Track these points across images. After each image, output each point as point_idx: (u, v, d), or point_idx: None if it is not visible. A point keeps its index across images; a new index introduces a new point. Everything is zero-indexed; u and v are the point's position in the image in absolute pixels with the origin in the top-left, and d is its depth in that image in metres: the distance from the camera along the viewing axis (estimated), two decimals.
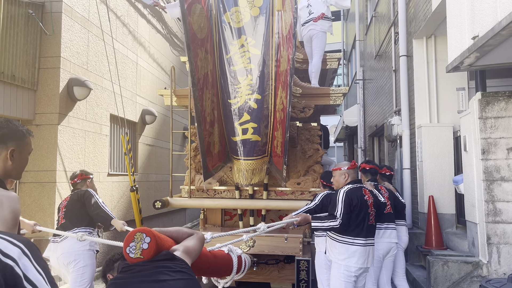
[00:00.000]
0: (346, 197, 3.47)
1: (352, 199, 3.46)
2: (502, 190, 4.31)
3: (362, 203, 3.48)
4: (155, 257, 1.68)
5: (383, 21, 9.07)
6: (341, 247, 3.47)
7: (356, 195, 3.50)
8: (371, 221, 3.52)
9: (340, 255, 3.48)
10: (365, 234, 3.46)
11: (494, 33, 3.38)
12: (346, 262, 3.44)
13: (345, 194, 3.49)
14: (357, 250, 3.43)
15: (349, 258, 3.43)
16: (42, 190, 5.48)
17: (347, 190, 3.53)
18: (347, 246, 3.45)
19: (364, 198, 3.52)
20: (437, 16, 5.63)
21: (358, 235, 3.44)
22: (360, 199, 3.48)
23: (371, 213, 3.53)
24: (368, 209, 3.50)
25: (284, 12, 4.72)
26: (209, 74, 4.88)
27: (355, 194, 3.50)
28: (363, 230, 3.46)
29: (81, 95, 5.88)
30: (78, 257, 3.79)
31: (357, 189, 3.57)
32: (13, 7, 5.17)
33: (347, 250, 3.44)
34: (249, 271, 4.35)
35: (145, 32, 8.63)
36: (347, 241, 3.45)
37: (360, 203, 3.46)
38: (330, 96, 5.32)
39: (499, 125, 4.36)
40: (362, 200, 3.49)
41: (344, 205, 3.44)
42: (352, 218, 3.44)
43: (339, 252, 3.49)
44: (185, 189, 5.41)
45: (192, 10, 4.72)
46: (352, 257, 3.42)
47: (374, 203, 3.60)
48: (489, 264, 4.31)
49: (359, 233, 3.45)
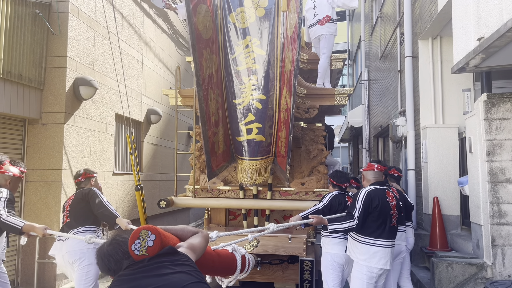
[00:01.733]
0: (367, 197, 3.48)
1: (373, 200, 3.47)
2: (507, 191, 4.30)
3: (384, 204, 3.48)
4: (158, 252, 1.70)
5: (388, 21, 9.05)
6: (362, 248, 3.48)
7: (378, 196, 3.50)
8: (393, 223, 3.52)
9: (361, 255, 3.48)
10: (387, 236, 3.46)
11: (500, 34, 3.37)
12: (368, 262, 3.44)
13: (366, 194, 3.50)
14: (379, 251, 3.43)
15: (370, 258, 3.43)
16: (48, 188, 5.52)
17: (369, 190, 3.54)
18: (368, 247, 3.46)
19: (386, 200, 3.52)
20: (442, 17, 5.61)
21: (380, 236, 3.45)
22: (381, 201, 3.48)
23: (394, 215, 3.52)
24: (390, 211, 3.50)
25: (289, 12, 4.73)
26: (214, 74, 4.89)
27: (377, 195, 3.50)
28: (385, 232, 3.46)
29: (87, 95, 5.92)
30: (83, 256, 3.82)
31: (380, 190, 3.56)
32: (20, 7, 5.22)
33: (368, 251, 3.45)
34: (253, 270, 4.36)
35: (151, 32, 8.66)
36: (368, 241, 3.46)
37: (381, 204, 3.46)
38: (335, 96, 5.32)
39: (505, 126, 4.35)
40: (383, 201, 3.49)
41: (363, 205, 3.44)
42: (371, 219, 3.45)
43: (360, 252, 3.50)
44: (189, 188, 5.43)
45: (198, 10, 4.74)
46: (373, 258, 3.43)
47: (397, 205, 3.59)
48: (493, 266, 4.29)
49: (381, 234, 3.45)
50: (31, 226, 3.50)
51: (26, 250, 5.40)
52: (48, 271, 5.46)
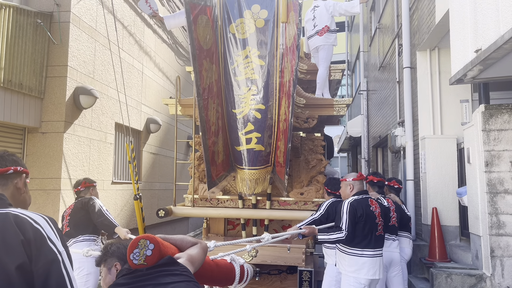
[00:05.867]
0: (351, 208, 3.46)
1: (357, 210, 3.45)
2: (505, 202, 4.30)
3: (368, 214, 3.46)
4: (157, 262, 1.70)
5: (387, 32, 9.13)
6: (350, 259, 3.46)
7: (361, 206, 3.48)
8: (379, 232, 3.50)
9: (349, 267, 3.46)
10: (373, 245, 3.44)
11: (497, 46, 3.40)
12: (356, 274, 3.42)
13: (350, 205, 3.48)
14: (366, 261, 3.41)
15: (359, 270, 3.41)
16: (47, 197, 5.51)
17: (351, 201, 3.52)
18: (356, 258, 3.43)
19: (370, 208, 3.50)
20: (440, 29, 5.67)
21: (366, 246, 3.43)
22: (365, 210, 3.46)
23: (379, 223, 3.51)
24: (376, 219, 3.48)
25: (288, 24, 4.78)
26: (214, 84, 4.92)
27: (360, 205, 3.48)
28: (371, 241, 3.44)
29: (87, 104, 5.94)
30: (82, 265, 3.80)
31: (363, 200, 3.55)
32: (21, 17, 5.26)
33: (357, 262, 3.43)
34: (251, 281, 4.33)
35: (151, 41, 8.72)
36: (355, 253, 3.44)
37: (365, 214, 3.44)
38: (334, 106, 5.34)
39: (503, 137, 4.37)
40: (367, 211, 3.47)
41: (349, 217, 3.42)
42: (358, 229, 3.43)
43: (348, 264, 3.48)
44: (188, 198, 5.42)
45: (198, 21, 4.78)
46: (361, 269, 3.41)
47: (382, 213, 3.58)
48: (492, 277, 4.28)
49: (367, 244, 3.43)
50: None
51: None
52: None
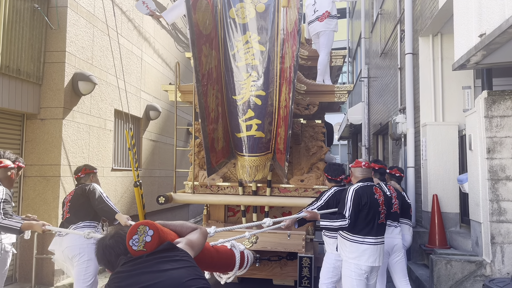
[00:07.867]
0: (356, 195, 3.44)
1: (362, 197, 3.43)
2: (507, 189, 4.29)
3: (372, 202, 3.44)
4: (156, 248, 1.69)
5: (389, 18, 9.02)
6: (351, 246, 3.46)
7: (366, 193, 3.46)
8: (381, 220, 3.49)
9: (350, 254, 3.46)
10: (375, 233, 3.44)
11: (501, 31, 3.35)
12: (357, 260, 3.42)
13: (355, 193, 3.45)
14: (368, 248, 3.41)
15: (360, 256, 3.41)
16: (47, 184, 5.50)
17: (356, 188, 3.49)
18: (357, 245, 3.43)
19: (375, 197, 3.48)
20: (443, 14, 5.59)
21: (368, 233, 3.42)
22: (370, 198, 3.44)
23: (382, 211, 3.50)
24: (379, 208, 3.47)
25: (289, 8, 4.71)
26: (214, 70, 4.87)
27: (365, 192, 3.46)
28: (373, 229, 3.43)
29: (85, 90, 5.89)
30: (83, 251, 3.80)
31: (368, 187, 3.52)
32: (18, 1, 5.18)
33: (358, 249, 3.43)
34: (252, 267, 4.33)
35: (150, 27, 8.62)
36: (357, 240, 3.44)
37: (370, 201, 3.43)
38: (335, 93, 5.30)
39: (505, 124, 4.34)
40: (372, 198, 3.45)
41: (353, 204, 3.40)
42: (361, 217, 3.42)
43: (349, 251, 3.48)
44: (188, 184, 5.41)
45: (198, 6, 4.71)
46: (362, 256, 3.41)
47: (385, 202, 3.56)
48: (492, 263, 4.29)
49: (369, 232, 3.42)
50: (29, 224, 3.48)
51: (24, 245, 5.38)
52: (46, 267, 5.44)
